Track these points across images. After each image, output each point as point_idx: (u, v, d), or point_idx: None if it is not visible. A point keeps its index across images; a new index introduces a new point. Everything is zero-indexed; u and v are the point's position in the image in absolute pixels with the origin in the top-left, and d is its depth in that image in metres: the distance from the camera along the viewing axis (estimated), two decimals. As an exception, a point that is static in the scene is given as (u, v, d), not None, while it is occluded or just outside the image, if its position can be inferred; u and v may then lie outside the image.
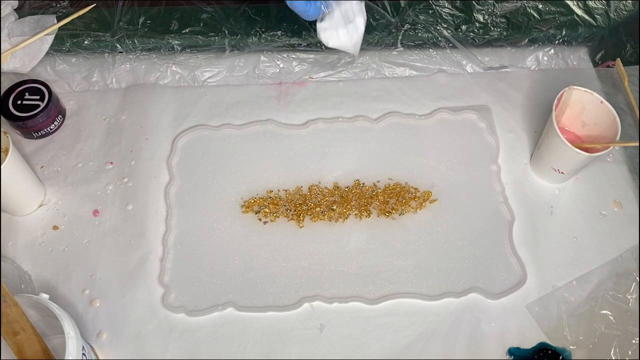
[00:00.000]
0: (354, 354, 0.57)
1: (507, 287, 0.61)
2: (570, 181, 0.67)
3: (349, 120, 0.71)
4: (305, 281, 0.61)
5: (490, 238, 0.63)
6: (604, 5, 0.75)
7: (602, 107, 0.62)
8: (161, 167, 0.67)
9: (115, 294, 0.60)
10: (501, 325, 0.59)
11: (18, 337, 0.49)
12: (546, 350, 0.56)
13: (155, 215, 0.64)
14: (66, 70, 0.74)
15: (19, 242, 0.63)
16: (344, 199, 0.65)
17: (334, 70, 0.75)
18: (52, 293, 0.59)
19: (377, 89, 0.73)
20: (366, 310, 0.59)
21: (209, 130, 0.70)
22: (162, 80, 0.74)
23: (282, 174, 0.67)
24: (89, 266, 0.61)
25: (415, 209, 0.65)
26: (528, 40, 0.75)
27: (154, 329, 0.58)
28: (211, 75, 0.74)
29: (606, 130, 0.63)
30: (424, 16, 0.74)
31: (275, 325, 0.59)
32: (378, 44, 0.74)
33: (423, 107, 0.72)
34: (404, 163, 0.68)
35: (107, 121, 0.71)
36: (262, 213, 0.64)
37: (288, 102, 0.72)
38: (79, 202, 0.65)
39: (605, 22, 0.75)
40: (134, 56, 0.74)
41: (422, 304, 0.60)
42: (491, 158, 0.68)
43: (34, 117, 0.67)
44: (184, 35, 0.73)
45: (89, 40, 0.72)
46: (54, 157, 0.68)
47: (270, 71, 0.75)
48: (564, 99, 0.63)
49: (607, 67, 0.76)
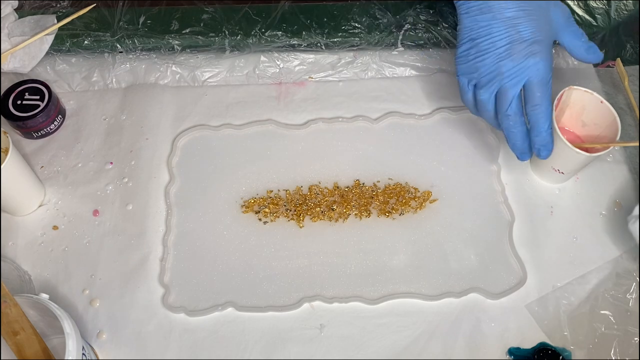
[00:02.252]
0: (354, 354, 0.57)
1: (507, 287, 0.60)
2: (570, 181, 0.67)
3: (349, 120, 0.71)
4: (305, 281, 0.61)
5: (490, 238, 0.63)
6: (605, 5, 0.75)
7: (602, 107, 0.62)
8: (161, 167, 0.67)
9: (115, 294, 0.60)
10: (501, 325, 0.59)
11: (18, 337, 0.49)
12: (546, 350, 0.56)
13: (155, 215, 0.64)
14: (66, 70, 0.74)
15: (19, 242, 0.63)
16: (344, 199, 0.65)
17: (334, 70, 0.75)
18: (52, 293, 0.59)
19: (377, 89, 0.73)
20: (366, 310, 0.59)
21: (209, 130, 0.70)
22: (162, 80, 0.74)
23: (282, 174, 0.67)
24: (89, 266, 0.61)
25: (415, 209, 0.65)
26: (528, 40, 0.75)
27: (154, 329, 0.58)
28: (211, 75, 0.74)
29: (606, 130, 0.63)
30: (425, 16, 0.74)
31: (275, 325, 0.59)
32: (378, 44, 0.74)
33: (423, 107, 0.72)
34: (404, 163, 0.68)
35: (107, 121, 0.71)
36: (262, 213, 0.64)
37: (288, 102, 0.72)
38: (79, 202, 0.65)
39: (605, 22, 0.75)
40: (134, 56, 0.74)
41: (422, 304, 0.60)
42: (491, 158, 0.68)
43: (34, 117, 0.67)
44: (184, 36, 0.73)
45: (89, 40, 0.72)
46: (54, 157, 0.68)
47: (270, 71, 0.75)
48: (564, 99, 0.63)
49: (607, 67, 0.76)
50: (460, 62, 0.59)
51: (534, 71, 0.55)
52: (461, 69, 0.59)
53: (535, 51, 0.55)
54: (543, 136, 0.58)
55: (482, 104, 0.58)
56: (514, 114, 0.57)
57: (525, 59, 0.55)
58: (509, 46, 0.55)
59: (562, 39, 0.59)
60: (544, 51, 0.56)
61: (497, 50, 0.56)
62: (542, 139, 0.58)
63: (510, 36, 0.55)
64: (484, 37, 0.56)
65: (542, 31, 0.56)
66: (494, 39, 0.56)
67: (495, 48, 0.56)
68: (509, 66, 0.55)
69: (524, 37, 0.55)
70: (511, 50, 0.55)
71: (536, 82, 0.56)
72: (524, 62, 0.55)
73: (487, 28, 0.56)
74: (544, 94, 0.56)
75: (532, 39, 0.55)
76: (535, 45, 0.55)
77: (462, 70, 0.59)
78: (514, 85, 0.56)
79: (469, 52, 0.58)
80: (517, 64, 0.55)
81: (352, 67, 0.75)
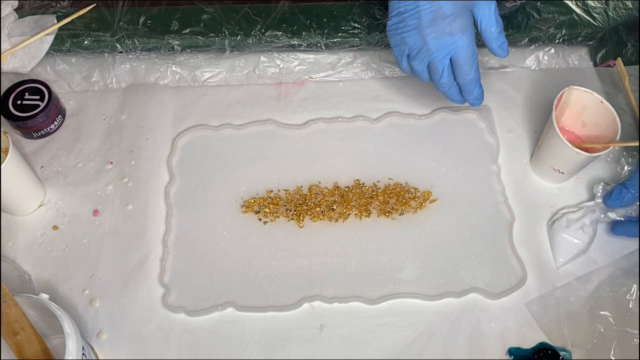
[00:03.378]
0: (354, 354, 0.57)
1: (507, 287, 0.61)
2: (570, 181, 0.67)
3: (349, 120, 0.71)
4: (305, 281, 0.61)
5: (490, 238, 0.63)
6: (603, 4, 0.75)
7: (602, 107, 0.62)
8: (161, 167, 0.68)
9: (115, 294, 0.60)
10: (501, 325, 0.59)
11: (18, 337, 0.49)
12: (546, 350, 0.56)
13: (155, 215, 0.64)
14: (66, 70, 0.74)
15: (19, 242, 0.63)
16: (344, 199, 0.65)
17: (334, 70, 0.75)
18: (52, 293, 0.59)
19: (377, 89, 0.73)
20: (366, 310, 0.59)
21: (209, 130, 0.70)
22: (162, 80, 0.74)
23: (282, 174, 0.67)
24: (89, 266, 0.61)
25: (415, 209, 0.65)
26: (528, 39, 0.75)
27: (154, 329, 0.58)
28: (211, 76, 0.74)
29: (606, 130, 0.63)
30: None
31: (275, 325, 0.59)
32: (378, 44, 0.74)
33: (423, 107, 0.72)
34: (404, 163, 0.68)
35: (107, 121, 0.71)
36: (262, 213, 0.64)
37: (288, 102, 0.72)
38: (79, 202, 0.65)
39: (604, 21, 0.75)
40: (134, 56, 0.74)
41: (422, 304, 0.60)
42: (491, 158, 0.68)
43: (34, 117, 0.67)
44: (184, 36, 0.73)
45: (89, 40, 0.72)
46: (54, 157, 0.68)
47: (270, 71, 0.75)
48: (564, 99, 0.63)
49: (607, 67, 0.76)
50: (391, 35, 0.62)
51: (458, 46, 0.58)
52: (393, 41, 0.62)
53: (457, 28, 0.57)
54: (475, 95, 0.63)
55: (417, 73, 0.62)
56: (446, 82, 0.61)
57: (449, 36, 0.58)
58: (432, 22, 0.58)
59: (477, 13, 0.59)
60: (465, 26, 0.58)
61: (423, 27, 0.58)
62: (474, 96, 0.63)
63: (433, 12, 0.57)
64: (410, 12, 0.59)
65: (463, 5, 0.58)
66: (420, 14, 0.58)
67: (420, 24, 0.58)
68: (433, 43, 0.58)
69: (446, 13, 0.57)
70: (434, 26, 0.58)
71: (462, 57, 0.59)
72: (448, 39, 0.58)
73: (414, 2, 0.58)
74: (470, 65, 0.59)
75: (454, 14, 0.57)
76: (458, 20, 0.57)
77: (393, 42, 0.62)
78: (441, 59, 0.59)
79: (397, 25, 0.60)
80: (441, 41, 0.58)
81: (352, 67, 0.75)
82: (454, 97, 0.64)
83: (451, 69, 0.61)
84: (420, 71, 0.62)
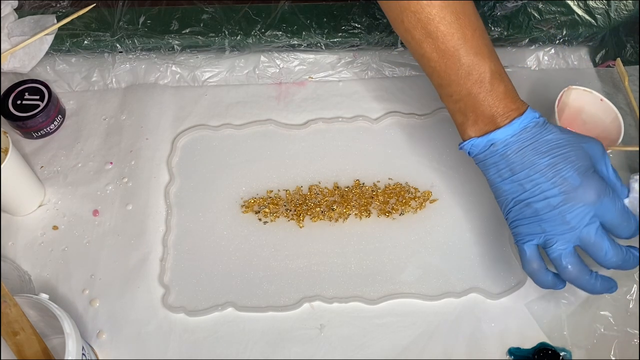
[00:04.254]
0: (354, 354, 0.57)
1: (507, 287, 0.60)
2: (571, 181, 0.67)
3: (349, 120, 0.70)
4: (305, 281, 0.61)
5: (490, 238, 0.63)
6: (605, 5, 0.75)
7: (603, 105, 0.62)
8: (161, 167, 0.67)
9: (115, 294, 0.60)
10: (501, 325, 0.59)
11: (18, 337, 0.49)
12: (546, 350, 0.56)
13: (155, 215, 0.64)
14: (66, 70, 0.74)
15: (18, 242, 0.63)
16: (344, 198, 0.65)
17: (334, 70, 0.75)
18: (52, 293, 0.59)
19: (377, 89, 0.73)
20: (366, 310, 0.59)
21: (208, 130, 0.70)
22: (162, 80, 0.74)
23: (282, 174, 0.67)
24: (89, 266, 0.61)
25: (415, 209, 0.65)
26: (528, 40, 0.75)
27: (154, 329, 0.58)
28: (211, 75, 0.74)
29: (609, 127, 0.62)
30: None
31: (275, 325, 0.59)
32: (378, 44, 0.74)
33: (423, 107, 0.72)
34: (404, 163, 0.68)
35: (107, 121, 0.71)
36: (262, 213, 0.64)
37: (288, 102, 0.72)
38: (79, 202, 0.65)
39: (605, 22, 0.75)
40: (134, 56, 0.74)
41: (422, 304, 0.60)
42: (491, 158, 0.68)
43: (34, 117, 0.67)
44: (184, 36, 0.73)
45: (89, 40, 0.72)
46: (54, 157, 0.68)
47: (270, 71, 0.75)
48: (563, 99, 0.63)
49: (607, 67, 0.76)
50: (518, 224, 0.53)
51: (603, 210, 0.50)
52: (522, 231, 0.53)
53: (592, 194, 0.50)
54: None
55: (558, 261, 0.51)
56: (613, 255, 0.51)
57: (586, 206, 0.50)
58: (563, 197, 0.50)
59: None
60: (596, 184, 0.50)
61: (556, 205, 0.50)
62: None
63: (558, 187, 0.50)
64: (536, 197, 0.51)
65: (584, 166, 0.51)
66: (545, 194, 0.50)
67: (551, 205, 0.50)
68: (576, 218, 0.50)
69: (573, 185, 0.50)
70: (567, 200, 0.50)
71: (615, 217, 0.51)
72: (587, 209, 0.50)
73: (532, 183, 0.51)
74: (628, 219, 0.52)
75: (580, 181, 0.50)
76: (586, 183, 0.50)
77: (524, 232, 0.53)
78: (594, 229, 0.50)
79: (523, 213, 0.52)
80: (580, 213, 0.50)
81: (352, 67, 0.75)
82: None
83: None
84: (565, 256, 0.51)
